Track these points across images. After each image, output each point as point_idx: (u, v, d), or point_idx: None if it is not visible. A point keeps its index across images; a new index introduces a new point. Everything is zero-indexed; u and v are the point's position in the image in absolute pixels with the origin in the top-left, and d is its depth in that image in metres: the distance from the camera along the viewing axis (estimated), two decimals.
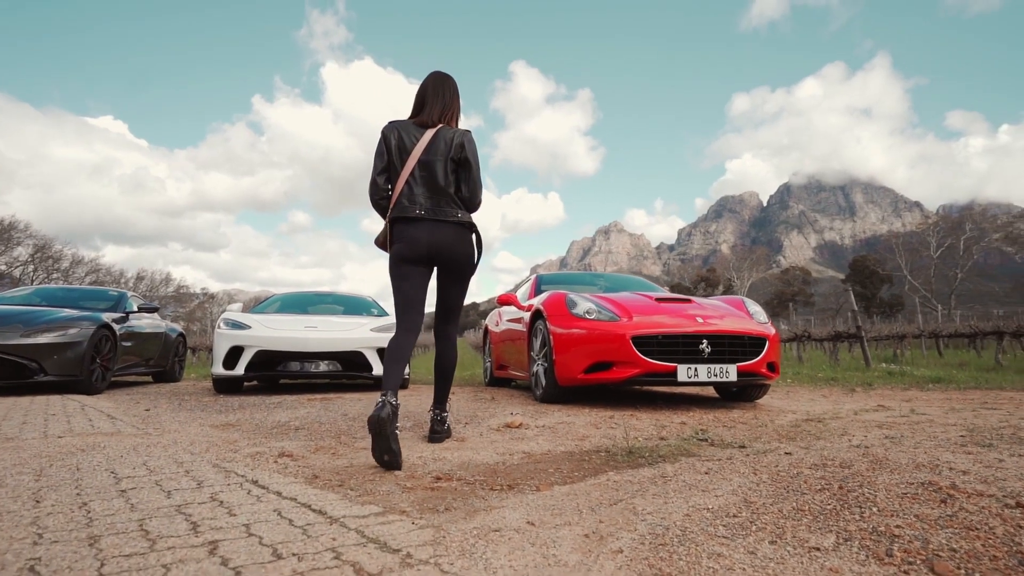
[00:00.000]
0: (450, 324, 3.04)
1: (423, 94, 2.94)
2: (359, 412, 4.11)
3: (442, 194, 2.81)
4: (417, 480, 2.12)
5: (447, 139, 2.84)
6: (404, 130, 2.85)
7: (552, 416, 3.82)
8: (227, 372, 5.55)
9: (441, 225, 2.80)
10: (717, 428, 3.37)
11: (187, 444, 2.85)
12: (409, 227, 2.78)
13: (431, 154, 2.80)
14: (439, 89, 2.94)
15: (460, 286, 2.97)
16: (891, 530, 1.38)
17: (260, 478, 2.10)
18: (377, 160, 2.85)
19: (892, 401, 4.84)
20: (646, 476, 2.13)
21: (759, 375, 4.19)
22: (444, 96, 2.93)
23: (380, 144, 2.86)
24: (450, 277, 2.92)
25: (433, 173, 2.80)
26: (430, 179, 2.80)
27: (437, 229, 2.79)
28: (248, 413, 4.15)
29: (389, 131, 2.85)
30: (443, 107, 2.91)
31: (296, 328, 5.78)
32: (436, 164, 2.80)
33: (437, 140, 2.82)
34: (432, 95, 2.92)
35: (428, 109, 2.89)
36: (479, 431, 3.29)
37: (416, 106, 2.95)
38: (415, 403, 4.74)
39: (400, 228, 2.80)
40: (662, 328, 4.06)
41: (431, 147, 2.81)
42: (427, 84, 2.96)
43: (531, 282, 6.34)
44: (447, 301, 2.99)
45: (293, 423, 3.61)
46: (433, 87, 2.94)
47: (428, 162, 2.80)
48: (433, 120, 2.88)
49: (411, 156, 2.79)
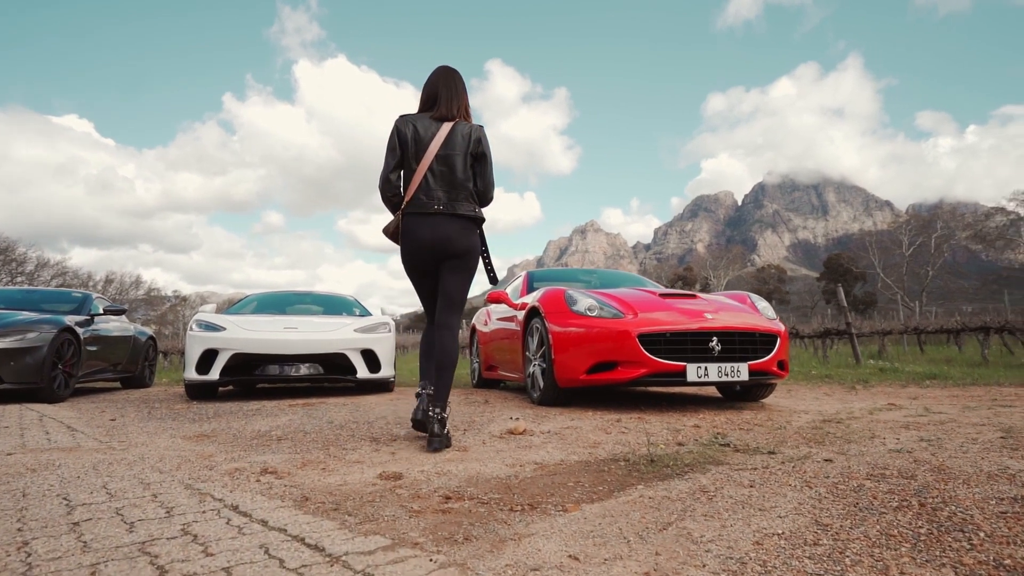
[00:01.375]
0: (452, 315, 2.90)
1: (434, 88, 2.90)
2: (346, 419, 3.80)
3: (460, 188, 2.80)
4: (424, 501, 1.84)
5: (464, 133, 2.82)
6: (420, 124, 2.80)
7: (555, 420, 3.56)
8: (200, 377, 5.18)
9: (455, 219, 2.79)
10: (734, 431, 3.14)
11: (156, 460, 2.53)
12: (419, 223, 2.77)
13: (450, 148, 2.78)
14: (450, 83, 2.90)
15: (461, 276, 2.88)
16: (1019, 563, 1.14)
17: (241, 502, 1.80)
18: (389, 155, 2.79)
19: (900, 399, 4.68)
20: (683, 491, 1.88)
21: (770, 374, 3.99)
22: (456, 90, 2.90)
23: (393, 138, 2.80)
24: (452, 269, 2.86)
25: (452, 167, 2.78)
26: (449, 173, 2.78)
27: (448, 224, 2.77)
28: (224, 422, 3.82)
29: (403, 124, 2.80)
30: (457, 101, 2.88)
31: (274, 329, 5.44)
32: (455, 158, 2.78)
33: (455, 134, 2.80)
34: (444, 89, 2.88)
35: (443, 103, 2.85)
36: (480, 439, 3.02)
37: (427, 100, 2.91)
38: (404, 407, 4.45)
39: (410, 222, 2.79)
40: (670, 325, 3.83)
41: (449, 141, 2.78)
42: (437, 78, 2.92)
43: (522, 279, 6.08)
44: (448, 291, 2.89)
45: (275, 433, 3.30)
46: (444, 81, 2.90)
47: (447, 156, 2.77)
48: (451, 114, 2.85)
49: (429, 150, 2.76)
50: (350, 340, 5.50)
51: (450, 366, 2.80)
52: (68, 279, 41.47)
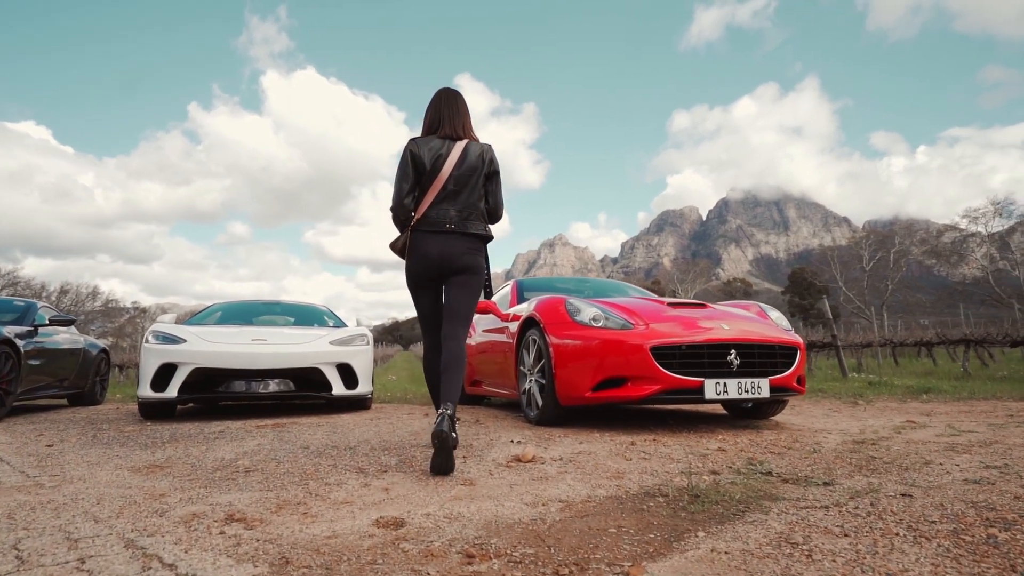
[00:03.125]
0: (458, 328, 2.82)
1: (436, 110, 2.91)
2: (323, 444, 3.35)
3: (472, 208, 2.81)
4: (440, 561, 1.44)
5: (477, 153, 2.84)
6: (431, 145, 2.81)
7: (563, 444, 3.18)
8: (156, 395, 4.65)
9: (463, 237, 2.79)
10: (767, 456, 2.81)
11: (93, 502, 2.06)
12: (428, 239, 2.77)
13: (464, 168, 2.79)
14: (451, 103, 2.92)
15: (467, 291, 2.85)
16: None
17: (200, 570, 1.37)
18: (402, 177, 2.79)
19: (913, 416, 4.43)
20: (760, 541, 1.52)
21: (790, 390, 3.68)
22: (459, 110, 2.92)
23: (406, 160, 2.80)
24: (457, 284, 2.84)
25: (465, 187, 2.79)
26: (462, 193, 2.79)
27: (458, 241, 2.78)
28: (182, 447, 3.33)
29: (416, 147, 2.80)
30: (461, 120, 2.90)
31: (241, 341, 4.93)
32: (469, 178, 2.80)
33: (468, 154, 2.81)
34: (446, 109, 2.90)
35: (449, 122, 2.87)
36: (484, 467, 2.62)
37: (432, 121, 2.91)
38: (388, 429, 4.00)
39: (419, 238, 2.78)
40: (685, 337, 3.49)
41: (463, 161, 2.79)
42: (439, 100, 2.94)
43: (510, 288, 5.69)
44: (453, 305, 2.84)
45: (242, 462, 2.84)
46: (446, 102, 2.92)
47: (461, 176, 2.78)
48: (460, 133, 2.87)
49: (443, 170, 2.76)
50: (325, 353, 5.03)
51: (457, 366, 2.70)
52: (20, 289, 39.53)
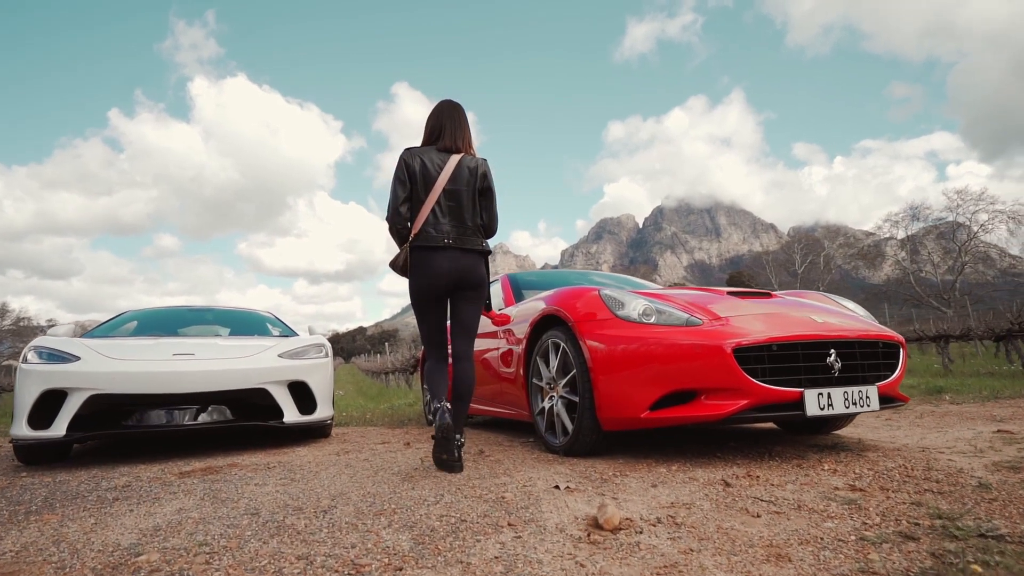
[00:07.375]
0: (469, 346, 2.92)
1: (438, 121, 2.90)
2: (280, 504, 2.29)
3: (467, 222, 2.81)
4: None
5: (471, 167, 2.83)
6: (426, 157, 2.80)
7: (631, 489, 2.24)
8: (36, 433, 3.40)
9: (467, 254, 2.79)
10: (935, 500, 1.97)
11: None
12: (433, 256, 2.75)
13: (458, 183, 2.79)
14: (454, 116, 2.90)
15: (476, 307, 2.91)
16: None
17: None
18: (399, 188, 2.77)
19: (985, 424, 3.74)
20: None
21: (897, 399, 2.87)
22: (460, 123, 2.90)
23: (401, 171, 2.79)
24: (467, 300, 2.87)
25: (460, 201, 2.79)
26: (456, 207, 2.79)
27: (462, 257, 2.78)
28: (57, 521, 2.19)
29: (411, 157, 2.79)
30: (461, 134, 2.88)
31: (158, 357, 3.73)
32: (463, 193, 2.79)
33: (461, 168, 2.81)
34: (448, 121, 2.88)
35: (448, 135, 2.86)
36: (555, 546, 1.64)
37: (431, 133, 2.90)
38: (364, 469, 2.95)
39: (421, 256, 2.76)
40: (775, 334, 2.62)
41: (456, 175, 2.79)
42: (441, 111, 2.93)
43: (499, 285, 4.73)
44: (464, 321, 2.90)
45: (151, 550, 1.75)
46: (448, 114, 2.91)
47: (455, 191, 2.78)
48: (456, 146, 2.85)
49: (437, 184, 2.76)
50: (272, 369, 3.89)
51: (471, 393, 2.85)
52: None
